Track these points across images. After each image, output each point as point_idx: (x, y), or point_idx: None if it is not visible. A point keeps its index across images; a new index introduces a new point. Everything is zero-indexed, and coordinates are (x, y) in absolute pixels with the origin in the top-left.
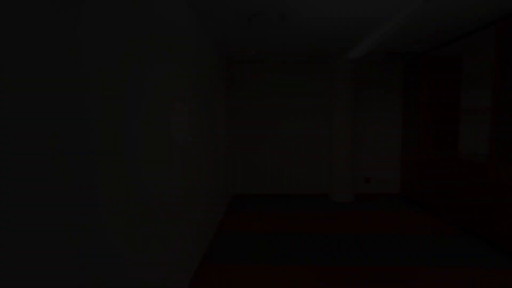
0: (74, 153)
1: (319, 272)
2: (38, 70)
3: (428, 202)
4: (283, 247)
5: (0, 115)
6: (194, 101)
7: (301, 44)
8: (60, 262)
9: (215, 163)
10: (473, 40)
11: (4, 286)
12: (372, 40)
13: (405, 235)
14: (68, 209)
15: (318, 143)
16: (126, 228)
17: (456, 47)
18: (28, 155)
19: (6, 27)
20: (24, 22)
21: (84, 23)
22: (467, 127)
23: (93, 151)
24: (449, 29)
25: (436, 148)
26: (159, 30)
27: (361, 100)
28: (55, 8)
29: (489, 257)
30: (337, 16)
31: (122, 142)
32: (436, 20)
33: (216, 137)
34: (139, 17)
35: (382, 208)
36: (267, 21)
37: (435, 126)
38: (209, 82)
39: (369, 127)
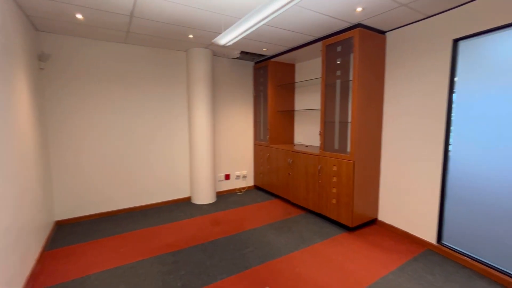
0: None
1: None
2: None
3: (277, 190)
4: None
5: None
6: None
7: (152, 21)
8: None
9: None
10: (304, 51)
11: None
12: (237, 32)
13: (267, 225)
14: None
15: (175, 143)
16: None
17: (293, 55)
18: None
19: None
20: None
21: None
22: (301, 124)
23: None
24: (290, 39)
25: (279, 142)
26: None
27: (217, 96)
28: None
29: (330, 230)
30: None
31: None
32: (281, 32)
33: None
34: None
35: (242, 203)
36: None
37: (278, 123)
38: None
39: (225, 124)
